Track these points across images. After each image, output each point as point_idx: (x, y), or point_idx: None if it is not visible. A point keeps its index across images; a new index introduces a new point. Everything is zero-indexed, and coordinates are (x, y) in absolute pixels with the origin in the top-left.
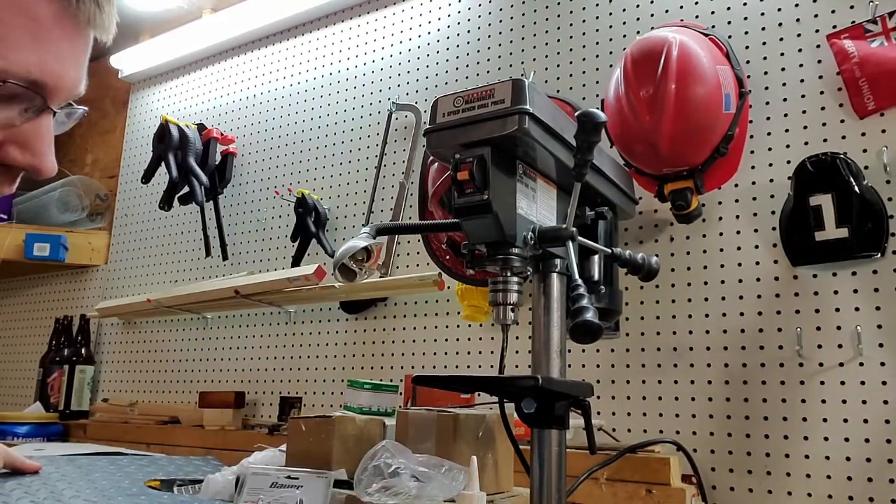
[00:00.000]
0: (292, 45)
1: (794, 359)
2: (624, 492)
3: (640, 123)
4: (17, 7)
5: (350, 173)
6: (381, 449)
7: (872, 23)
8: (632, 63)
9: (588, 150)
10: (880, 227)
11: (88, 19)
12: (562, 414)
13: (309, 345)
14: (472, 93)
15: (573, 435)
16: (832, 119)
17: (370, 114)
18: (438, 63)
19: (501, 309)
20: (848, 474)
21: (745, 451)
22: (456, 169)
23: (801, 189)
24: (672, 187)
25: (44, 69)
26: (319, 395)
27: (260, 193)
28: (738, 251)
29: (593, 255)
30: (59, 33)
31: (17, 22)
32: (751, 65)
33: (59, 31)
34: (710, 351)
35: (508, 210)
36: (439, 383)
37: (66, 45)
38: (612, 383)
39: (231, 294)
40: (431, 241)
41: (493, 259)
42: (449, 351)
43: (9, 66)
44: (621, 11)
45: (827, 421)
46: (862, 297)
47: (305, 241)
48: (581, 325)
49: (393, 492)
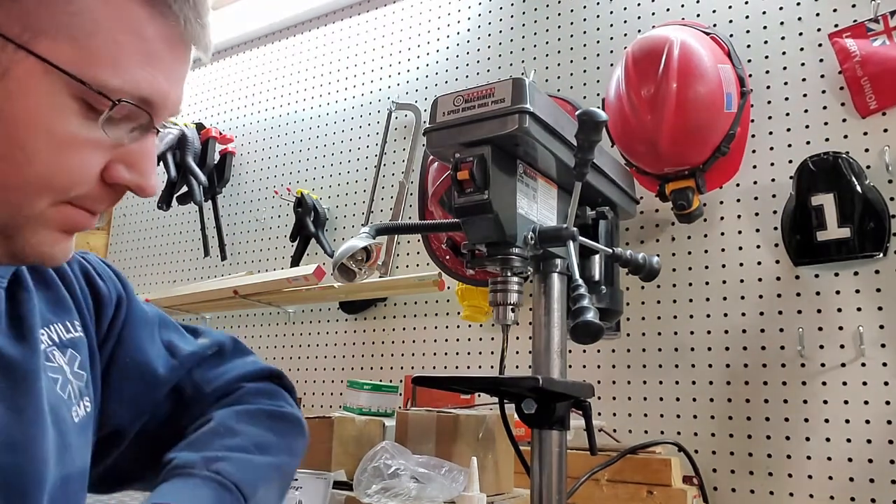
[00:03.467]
0: (291, 43)
1: (796, 359)
2: (625, 493)
3: (641, 122)
4: (127, 27)
5: (349, 173)
6: (380, 450)
7: (874, 21)
8: (633, 62)
9: (589, 149)
10: (882, 227)
11: (192, 38)
12: (562, 415)
13: (308, 345)
14: (472, 92)
15: (574, 436)
16: (834, 118)
17: (370, 113)
18: (439, 62)
19: (502, 309)
20: (850, 475)
21: (746, 452)
22: (456, 168)
23: (802, 189)
24: (673, 187)
25: (153, 87)
26: (319, 396)
27: (259, 193)
28: (740, 251)
29: (594, 255)
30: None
31: (128, 41)
32: (752, 64)
33: (167, 49)
34: (712, 351)
35: (508, 210)
36: (439, 384)
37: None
38: (613, 384)
39: (230, 294)
40: (431, 241)
41: (493, 259)
42: (449, 351)
43: (123, 84)
44: (622, 10)
45: (829, 422)
46: (864, 297)
47: (305, 240)
48: (582, 326)
49: (392, 493)
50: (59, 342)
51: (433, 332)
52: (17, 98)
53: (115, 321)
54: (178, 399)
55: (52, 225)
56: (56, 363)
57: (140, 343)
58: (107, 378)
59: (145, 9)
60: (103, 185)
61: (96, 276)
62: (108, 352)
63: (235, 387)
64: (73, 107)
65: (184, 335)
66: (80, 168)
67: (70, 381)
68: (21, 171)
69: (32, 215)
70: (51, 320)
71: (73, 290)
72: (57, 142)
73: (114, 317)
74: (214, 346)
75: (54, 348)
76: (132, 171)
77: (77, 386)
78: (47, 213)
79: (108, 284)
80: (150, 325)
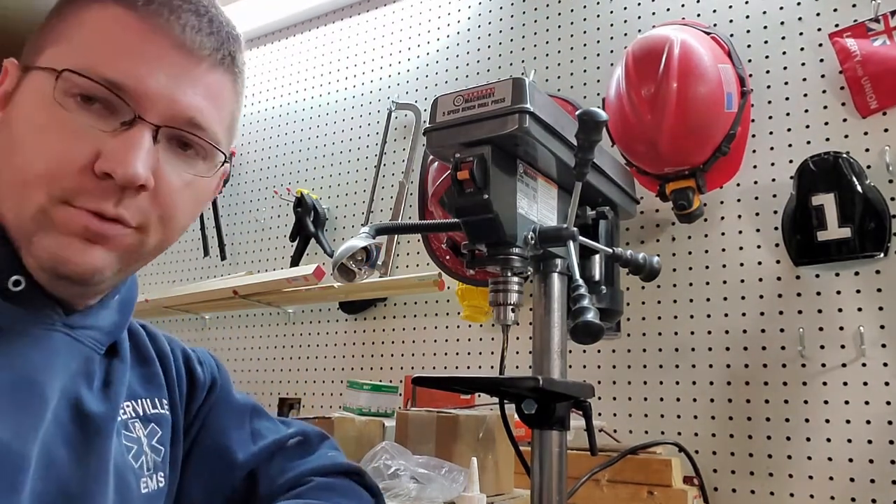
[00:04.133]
0: (290, 43)
1: (797, 359)
2: (625, 493)
3: (641, 122)
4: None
5: (349, 173)
6: (380, 450)
7: (875, 21)
8: (633, 62)
9: (589, 149)
10: (883, 227)
11: (194, 43)
12: (562, 415)
13: (308, 345)
14: (472, 91)
15: (574, 436)
16: (834, 118)
17: (370, 113)
18: (438, 62)
19: (502, 309)
20: (851, 476)
21: (747, 452)
22: (456, 168)
23: (803, 188)
24: (673, 187)
25: (121, 72)
26: (318, 396)
27: (258, 193)
28: (741, 251)
29: (594, 255)
30: (155, 50)
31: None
32: (753, 63)
33: (156, 49)
34: (712, 351)
35: (509, 210)
36: (439, 384)
37: (161, 62)
38: (614, 384)
39: (229, 294)
40: (431, 241)
41: (493, 259)
42: (449, 351)
43: (87, 65)
44: (622, 10)
45: (829, 422)
46: (864, 297)
47: (304, 240)
48: (582, 326)
49: (393, 493)
50: (142, 415)
51: (433, 332)
52: (20, 105)
53: (204, 405)
54: (252, 485)
55: (62, 229)
56: (134, 434)
57: (224, 427)
58: (188, 457)
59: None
60: (94, 179)
61: (196, 362)
62: (194, 433)
63: (306, 480)
64: (52, 97)
65: (275, 424)
66: (59, 153)
67: (146, 452)
68: (16, 166)
69: (36, 214)
70: (139, 394)
71: (168, 370)
72: (37, 129)
73: (204, 401)
74: (299, 437)
75: (136, 420)
76: (112, 159)
77: (152, 459)
78: (51, 213)
79: (205, 370)
80: (239, 412)
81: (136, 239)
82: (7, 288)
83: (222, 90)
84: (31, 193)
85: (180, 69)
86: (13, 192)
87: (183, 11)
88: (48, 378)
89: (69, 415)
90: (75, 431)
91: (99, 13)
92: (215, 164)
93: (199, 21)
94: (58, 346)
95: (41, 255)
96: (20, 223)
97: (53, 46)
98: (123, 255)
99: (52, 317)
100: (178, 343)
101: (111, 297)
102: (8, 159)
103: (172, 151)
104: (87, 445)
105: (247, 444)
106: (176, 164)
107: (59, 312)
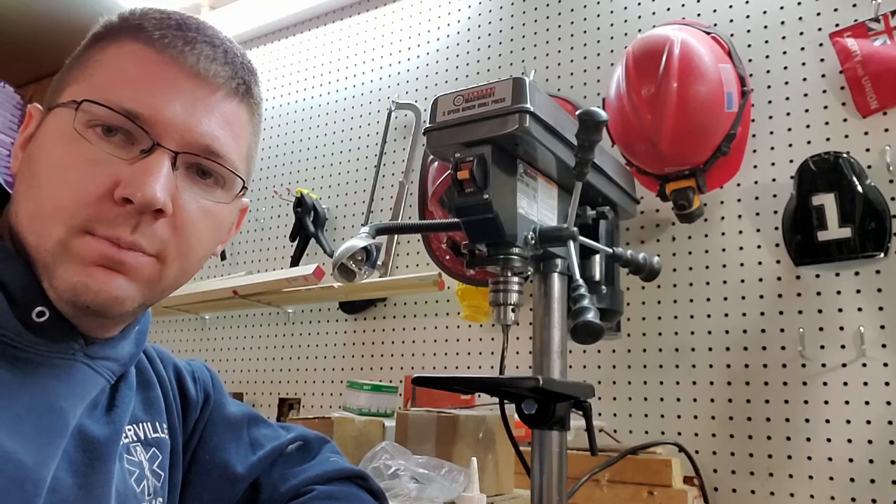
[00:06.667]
0: (290, 43)
1: (797, 360)
2: (625, 493)
3: (641, 122)
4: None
5: (349, 172)
6: (380, 450)
7: (875, 21)
8: (633, 61)
9: (589, 148)
10: (883, 227)
11: (208, 72)
12: (563, 415)
13: (308, 345)
14: (472, 91)
15: (574, 436)
16: (835, 118)
17: (370, 113)
18: (438, 62)
19: (502, 309)
20: (851, 476)
21: (747, 452)
22: (456, 168)
23: (803, 188)
24: (674, 186)
25: (138, 101)
26: (318, 396)
27: (258, 193)
28: (741, 251)
29: (594, 255)
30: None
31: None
32: (753, 63)
33: (169, 78)
34: (712, 352)
35: (509, 210)
36: (439, 384)
37: (178, 91)
38: (614, 384)
39: (229, 294)
40: (431, 241)
41: (493, 259)
42: (449, 351)
43: (103, 98)
44: (622, 10)
45: (829, 422)
46: (865, 297)
47: (304, 240)
48: (582, 326)
49: (392, 493)
50: (143, 439)
51: (433, 332)
52: (41, 141)
53: (199, 422)
54: (254, 496)
55: (81, 259)
56: (136, 458)
57: (221, 442)
58: (188, 475)
59: (151, 50)
60: (113, 207)
61: (189, 379)
62: (191, 451)
63: (307, 489)
64: (73, 129)
65: (274, 431)
66: (78, 184)
67: (147, 476)
68: (37, 200)
69: (55, 247)
70: (140, 418)
71: (166, 392)
72: (57, 162)
73: (198, 418)
74: (299, 441)
75: (138, 444)
76: (131, 184)
77: (153, 484)
78: (70, 245)
79: (198, 387)
80: (236, 424)
81: (155, 269)
82: (31, 319)
83: (238, 119)
84: (51, 226)
85: (195, 98)
86: (35, 226)
87: (198, 42)
88: (70, 406)
89: (74, 441)
90: (78, 457)
91: (117, 50)
92: (234, 191)
93: (213, 51)
94: (78, 376)
95: (62, 286)
96: (42, 256)
97: (74, 85)
98: (144, 287)
99: (73, 347)
100: (170, 359)
101: (132, 328)
102: (29, 193)
103: (191, 179)
104: (91, 469)
105: (246, 455)
106: (195, 192)
107: (81, 343)
